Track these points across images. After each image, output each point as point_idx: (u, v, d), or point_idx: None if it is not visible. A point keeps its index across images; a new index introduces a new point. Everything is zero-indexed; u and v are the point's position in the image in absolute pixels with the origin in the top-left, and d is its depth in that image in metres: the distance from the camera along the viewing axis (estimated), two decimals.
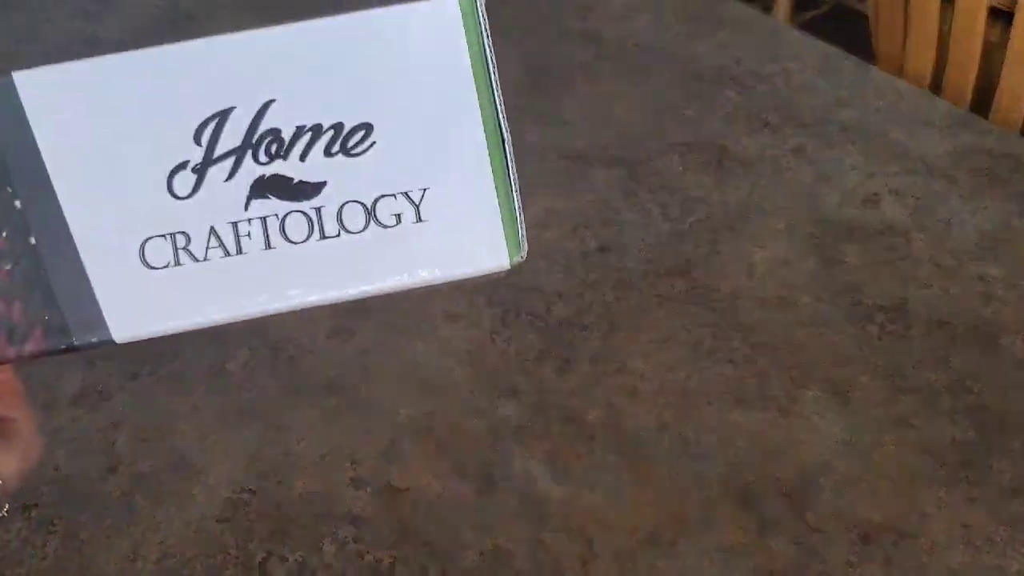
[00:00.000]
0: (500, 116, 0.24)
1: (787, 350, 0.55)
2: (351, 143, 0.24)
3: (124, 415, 0.53)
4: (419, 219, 0.24)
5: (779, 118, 0.73)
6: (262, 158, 0.23)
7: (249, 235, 0.24)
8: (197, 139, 0.24)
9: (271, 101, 0.24)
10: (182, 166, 0.23)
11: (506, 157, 0.24)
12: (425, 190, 0.24)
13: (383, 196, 0.24)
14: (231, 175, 0.24)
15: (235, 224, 0.24)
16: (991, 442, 0.51)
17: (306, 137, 0.24)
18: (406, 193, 0.24)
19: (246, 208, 0.24)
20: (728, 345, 0.55)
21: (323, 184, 0.24)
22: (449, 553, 0.46)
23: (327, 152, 0.24)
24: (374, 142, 0.24)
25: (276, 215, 0.24)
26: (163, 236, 0.24)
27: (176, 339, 0.24)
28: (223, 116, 0.24)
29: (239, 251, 0.24)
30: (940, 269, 0.60)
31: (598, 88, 0.78)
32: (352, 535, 0.47)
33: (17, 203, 0.23)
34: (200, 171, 0.24)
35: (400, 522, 0.47)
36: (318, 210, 0.24)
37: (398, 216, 0.24)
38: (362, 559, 0.46)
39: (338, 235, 0.24)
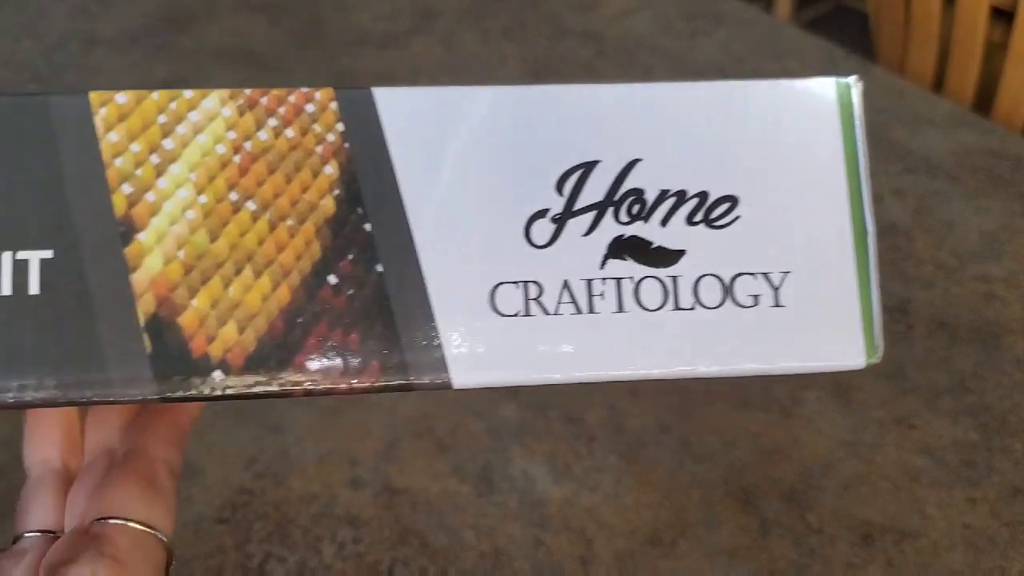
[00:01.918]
0: (866, 209, 0.23)
1: None
2: (714, 214, 0.23)
3: None
4: (777, 304, 0.23)
5: None
6: (623, 217, 0.23)
7: (602, 295, 0.23)
8: (559, 188, 0.23)
9: (637, 160, 0.23)
10: (541, 213, 0.23)
11: (868, 252, 0.23)
12: (786, 274, 0.23)
13: (742, 274, 0.23)
14: (590, 230, 0.23)
15: (589, 282, 0.23)
16: (993, 443, 0.51)
17: (669, 202, 0.23)
18: (766, 275, 0.23)
19: (602, 267, 0.23)
20: None
21: (682, 253, 0.23)
22: (449, 554, 0.46)
23: (689, 220, 0.23)
24: (738, 216, 0.23)
25: (631, 278, 0.23)
26: (515, 283, 0.22)
27: None
28: (588, 168, 0.23)
29: (590, 310, 0.23)
30: (942, 269, 0.60)
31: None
32: (351, 536, 0.47)
33: (367, 226, 0.22)
34: (560, 221, 0.23)
35: (400, 523, 0.47)
36: (674, 279, 0.23)
37: (755, 297, 0.23)
38: (362, 560, 0.46)
39: (692, 308, 0.23)
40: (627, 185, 0.23)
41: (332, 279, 0.22)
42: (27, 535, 0.25)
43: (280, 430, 0.51)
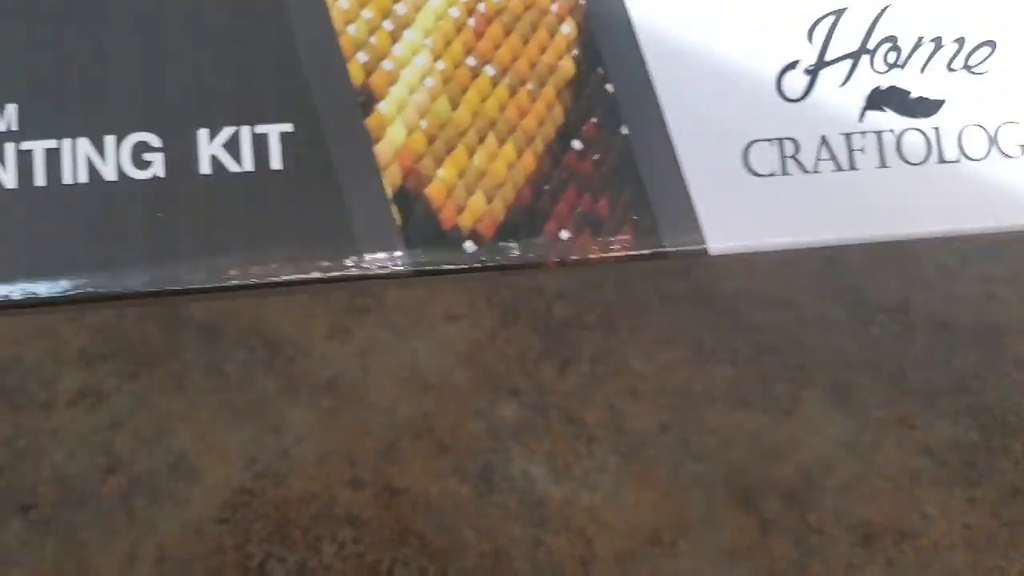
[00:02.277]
0: None
1: (789, 351, 0.55)
2: (974, 60, 0.21)
3: (123, 415, 0.52)
4: None
5: None
6: (879, 66, 0.21)
7: (863, 150, 0.21)
8: (810, 37, 0.21)
9: (887, 6, 0.21)
10: (793, 65, 0.21)
11: None
12: None
13: (1007, 123, 0.21)
14: (845, 81, 0.21)
15: (848, 136, 0.21)
16: (993, 443, 0.51)
17: (926, 48, 0.21)
18: None
19: (860, 119, 0.21)
20: (729, 346, 0.55)
21: (942, 102, 0.21)
22: (449, 554, 0.46)
23: (948, 67, 0.21)
24: (998, 62, 0.21)
25: (892, 131, 0.21)
26: (769, 141, 0.21)
27: (174, 338, 0.23)
28: (838, 15, 0.21)
29: (851, 167, 0.21)
30: (942, 269, 0.60)
31: None
32: (351, 536, 0.47)
33: (609, 87, 0.21)
34: (813, 73, 0.21)
35: (400, 523, 0.47)
36: (936, 130, 0.21)
37: (1022, 147, 0.21)
38: (362, 560, 0.46)
39: (958, 161, 0.21)
40: (880, 32, 0.21)
41: (576, 144, 0.21)
42: None
43: (280, 430, 0.51)
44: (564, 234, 0.20)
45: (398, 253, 0.20)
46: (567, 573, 0.45)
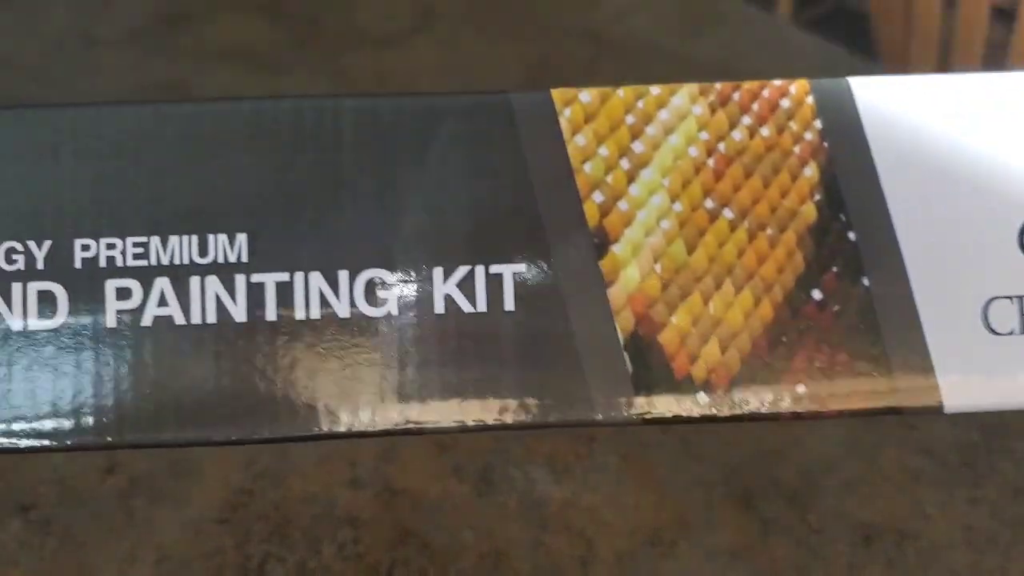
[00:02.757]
0: None
1: None
2: None
3: None
4: None
5: None
6: None
7: None
8: None
9: None
10: None
11: None
12: None
13: None
14: None
15: None
16: (994, 443, 0.51)
17: None
18: None
19: None
20: None
21: None
22: (449, 554, 0.46)
23: None
24: None
25: None
26: (1010, 298, 0.20)
27: None
28: None
29: None
30: None
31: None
32: (351, 537, 0.47)
33: (851, 235, 0.20)
34: None
35: (400, 524, 0.47)
36: None
37: None
38: (361, 560, 0.46)
39: None
40: None
41: (816, 294, 0.20)
42: None
43: None
44: (800, 388, 0.20)
45: (629, 400, 0.20)
46: (567, 573, 0.45)
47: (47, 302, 0.19)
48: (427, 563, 0.46)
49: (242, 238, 0.19)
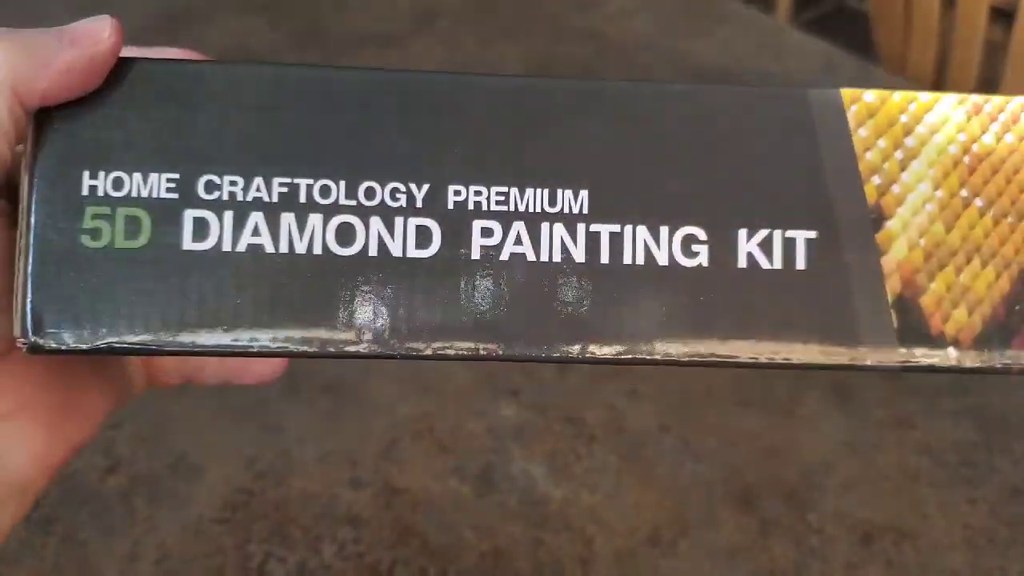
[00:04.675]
0: None
1: None
2: None
3: (123, 415, 0.52)
4: None
5: None
6: None
7: None
8: None
9: None
10: None
11: None
12: None
13: None
14: None
15: None
16: (993, 443, 0.51)
17: None
18: None
19: None
20: None
21: None
22: (449, 553, 0.46)
23: None
24: None
25: None
26: None
27: None
28: None
29: None
30: None
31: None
32: (352, 536, 0.47)
33: None
34: None
35: (400, 523, 0.47)
36: None
37: None
38: (362, 560, 0.46)
39: None
40: None
41: None
42: None
43: (280, 430, 0.51)
44: None
45: (894, 350, 0.24)
46: (567, 573, 0.45)
47: (424, 235, 0.23)
48: (427, 562, 0.46)
49: (584, 194, 0.24)
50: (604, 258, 0.24)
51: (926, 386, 0.53)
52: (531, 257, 0.23)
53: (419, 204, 0.23)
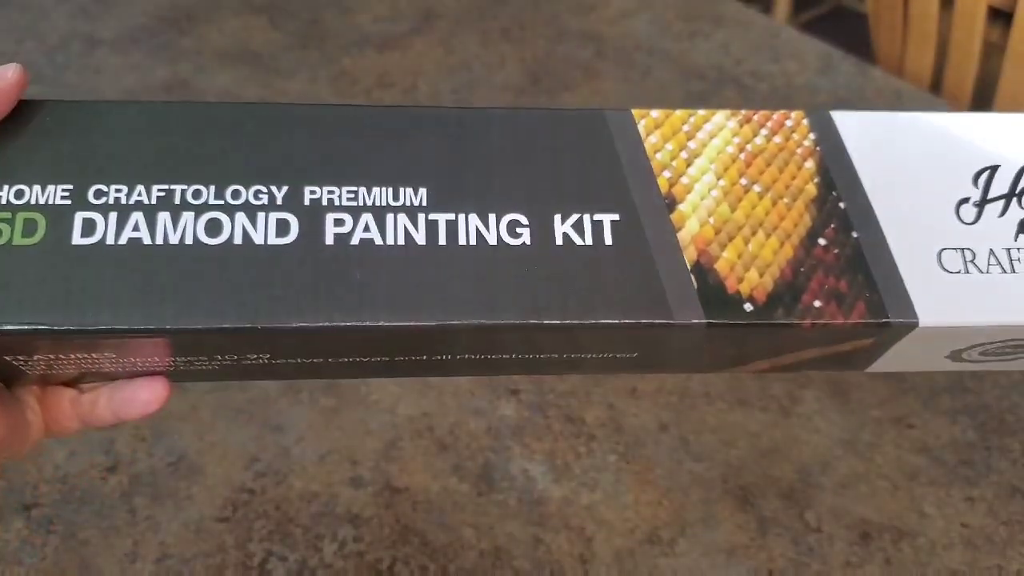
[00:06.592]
0: None
1: None
2: None
3: None
4: None
5: None
6: None
7: (1020, 260, 0.30)
8: (975, 182, 0.31)
9: None
10: (965, 200, 0.30)
11: None
12: None
13: None
14: (1002, 213, 0.30)
15: (1008, 250, 0.30)
16: (991, 442, 0.51)
17: None
18: None
19: (1015, 239, 0.30)
20: None
21: None
22: (449, 553, 0.46)
23: None
24: None
25: None
26: (955, 249, 0.30)
27: None
28: (993, 170, 0.31)
29: (1012, 270, 0.30)
30: None
31: (598, 88, 0.78)
32: (352, 535, 0.47)
33: (841, 204, 0.30)
34: (979, 207, 0.30)
35: (400, 522, 0.47)
36: None
37: None
38: (362, 558, 0.46)
39: None
40: (1023, 183, 0.31)
41: (822, 241, 0.29)
42: None
43: (281, 429, 0.51)
44: (817, 303, 0.28)
45: (695, 310, 0.28)
46: (567, 571, 0.46)
47: (283, 227, 0.27)
48: (427, 561, 0.46)
49: (423, 190, 0.28)
50: (442, 240, 0.28)
51: (924, 385, 0.53)
52: (379, 242, 0.27)
53: (279, 202, 0.28)
